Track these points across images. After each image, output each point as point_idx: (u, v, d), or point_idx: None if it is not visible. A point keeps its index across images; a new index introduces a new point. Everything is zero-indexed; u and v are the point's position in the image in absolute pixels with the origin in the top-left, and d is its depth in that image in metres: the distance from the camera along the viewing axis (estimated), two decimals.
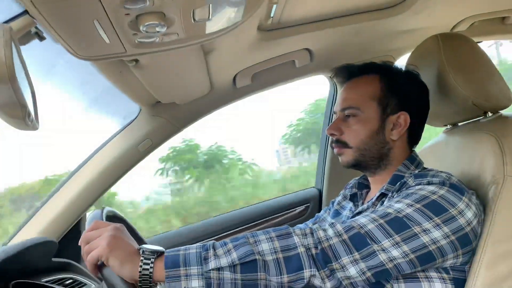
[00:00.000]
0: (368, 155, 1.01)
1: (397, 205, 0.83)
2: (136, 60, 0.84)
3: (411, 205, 0.82)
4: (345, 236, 0.78)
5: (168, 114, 1.31)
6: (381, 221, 0.80)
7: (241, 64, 1.22)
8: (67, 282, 1.26)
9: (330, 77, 1.55)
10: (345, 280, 0.77)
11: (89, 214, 0.93)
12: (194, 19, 0.63)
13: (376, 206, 0.99)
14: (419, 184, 0.89)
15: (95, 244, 0.76)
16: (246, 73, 1.28)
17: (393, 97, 1.00)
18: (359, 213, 1.03)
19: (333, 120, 1.06)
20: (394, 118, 1.00)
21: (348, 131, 1.02)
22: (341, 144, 1.03)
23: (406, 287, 0.85)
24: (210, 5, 0.60)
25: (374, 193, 1.07)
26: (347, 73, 1.07)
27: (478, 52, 1.05)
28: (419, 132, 1.06)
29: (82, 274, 1.36)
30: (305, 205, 1.75)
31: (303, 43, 1.24)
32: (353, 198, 1.14)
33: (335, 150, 1.05)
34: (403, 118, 1.00)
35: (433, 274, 0.85)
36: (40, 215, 1.35)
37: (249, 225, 1.66)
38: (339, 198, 1.23)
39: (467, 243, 0.82)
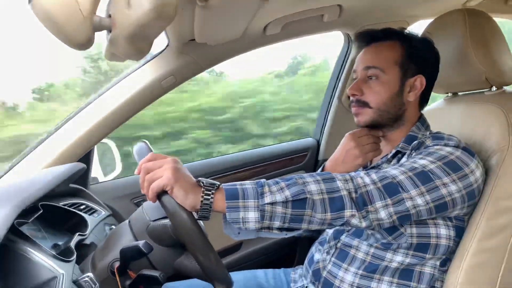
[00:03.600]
0: (385, 116, 1.10)
1: (421, 161, 0.95)
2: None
3: (434, 162, 0.94)
4: (379, 184, 0.89)
5: (196, 53, 1.31)
6: (410, 173, 0.91)
7: (277, 13, 1.24)
8: (81, 207, 1.29)
9: (347, 34, 1.61)
10: (375, 221, 0.88)
11: (135, 147, 0.96)
12: None
13: (391, 162, 1.11)
14: (437, 145, 1.01)
15: (158, 174, 0.81)
16: (278, 22, 1.30)
17: (412, 62, 1.09)
18: (373, 167, 1.15)
19: (349, 81, 1.14)
20: (412, 81, 1.09)
21: (370, 91, 1.09)
22: (362, 104, 1.10)
23: (417, 230, 1.00)
24: None
25: (385, 150, 1.18)
26: (369, 37, 1.13)
27: (497, 30, 1.15)
28: (428, 95, 1.16)
29: (92, 200, 1.40)
30: (303, 153, 1.86)
31: None
32: None
33: (354, 110, 1.13)
34: (420, 81, 1.09)
35: (439, 221, 1.00)
36: (56, 138, 1.33)
37: (248, 167, 1.74)
38: None
39: (473, 197, 0.97)
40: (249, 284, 1.25)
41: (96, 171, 1.67)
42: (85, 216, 1.20)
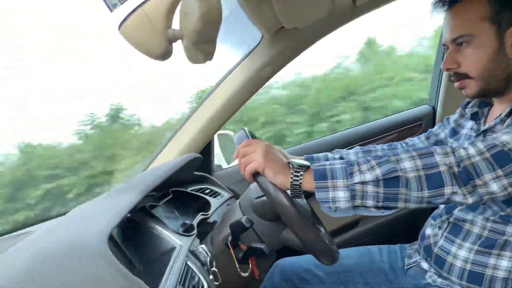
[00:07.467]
0: (493, 80, 0.98)
1: None
2: None
3: None
4: (487, 154, 0.80)
5: (289, 40, 1.36)
6: None
7: None
8: (206, 191, 1.48)
9: None
10: (486, 195, 0.79)
11: (236, 134, 1.08)
12: None
13: (505, 122, 0.98)
14: None
15: (252, 157, 0.88)
16: None
17: (505, 10, 0.93)
18: (486, 130, 1.03)
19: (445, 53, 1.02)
20: None
21: (465, 61, 0.98)
22: (461, 76, 1.00)
23: None
24: None
25: (499, 110, 1.05)
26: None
27: None
28: None
29: (216, 185, 1.58)
30: (418, 123, 1.75)
31: None
32: (474, 116, 1.13)
33: (457, 84, 1.03)
34: None
35: None
36: (179, 136, 1.56)
37: (364, 142, 1.72)
38: (455, 116, 1.23)
39: None
40: (362, 260, 1.26)
41: (220, 160, 1.89)
42: (209, 198, 1.38)
